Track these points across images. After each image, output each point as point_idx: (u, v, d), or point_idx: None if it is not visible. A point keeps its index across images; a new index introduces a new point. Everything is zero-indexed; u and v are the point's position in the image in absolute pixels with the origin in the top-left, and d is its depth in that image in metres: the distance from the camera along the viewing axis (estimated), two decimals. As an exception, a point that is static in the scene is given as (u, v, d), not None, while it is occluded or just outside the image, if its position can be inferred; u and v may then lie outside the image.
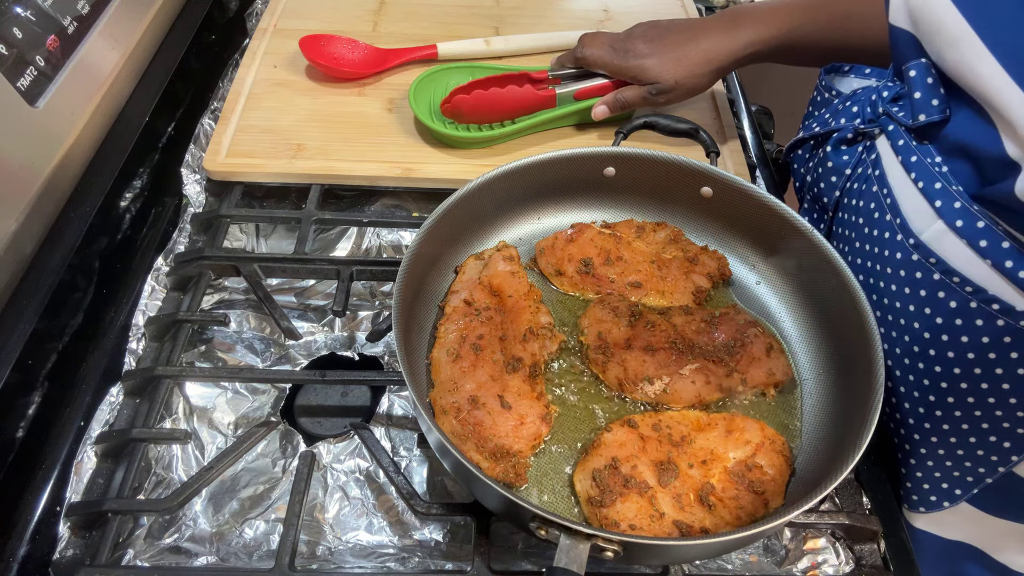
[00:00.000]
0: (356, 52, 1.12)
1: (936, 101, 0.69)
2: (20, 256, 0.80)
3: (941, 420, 0.72)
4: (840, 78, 0.95)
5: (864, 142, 0.81)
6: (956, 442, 0.73)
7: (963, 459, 0.73)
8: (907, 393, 0.75)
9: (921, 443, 0.76)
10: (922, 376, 0.72)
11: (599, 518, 0.64)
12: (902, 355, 0.74)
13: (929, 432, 0.74)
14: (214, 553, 0.71)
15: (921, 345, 0.71)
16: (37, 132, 0.83)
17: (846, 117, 0.83)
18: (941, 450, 0.74)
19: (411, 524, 0.74)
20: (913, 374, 0.73)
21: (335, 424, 0.83)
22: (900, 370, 0.75)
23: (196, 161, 1.02)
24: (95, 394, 0.78)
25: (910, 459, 0.78)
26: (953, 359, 0.69)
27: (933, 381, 0.71)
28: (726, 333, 0.77)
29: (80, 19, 0.91)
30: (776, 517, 0.59)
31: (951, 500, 0.77)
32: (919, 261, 0.69)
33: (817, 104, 0.98)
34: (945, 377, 0.70)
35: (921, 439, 0.75)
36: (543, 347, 0.75)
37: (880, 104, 0.77)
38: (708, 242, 0.87)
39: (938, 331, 0.69)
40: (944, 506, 0.78)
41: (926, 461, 0.76)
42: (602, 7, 1.30)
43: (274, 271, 0.91)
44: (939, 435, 0.73)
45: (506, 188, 0.82)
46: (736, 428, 0.70)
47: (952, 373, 0.69)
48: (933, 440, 0.74)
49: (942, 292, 0.68)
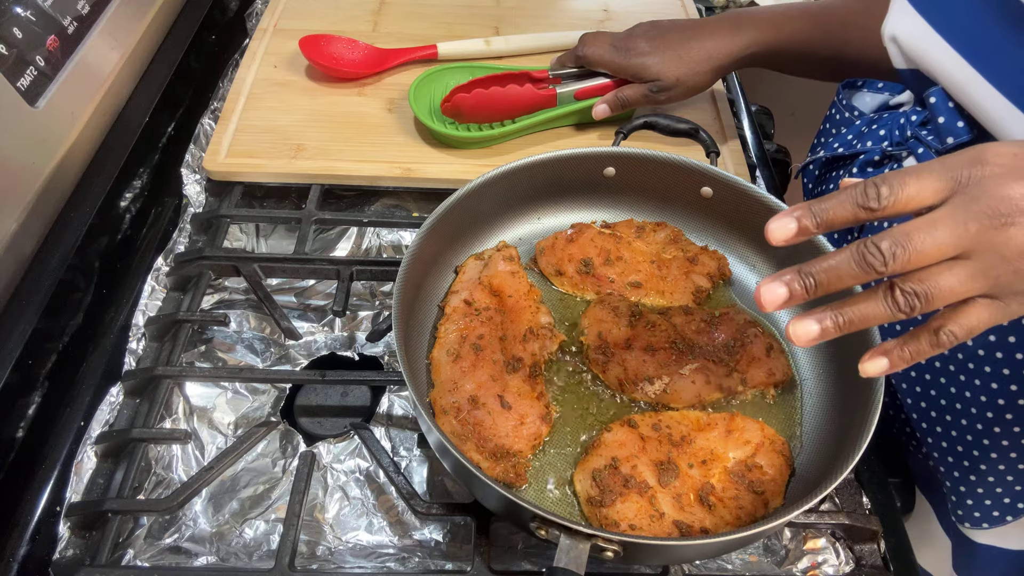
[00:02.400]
0: (356, 52, 1.12)
1: (961, 123, 0.70)
2: (20, 256, 0.80)
3: (1000, 437, 0.72)
4: (855, 93, 0.96)
5: (891, 164, 0.81)
6: (1016, 457, 0.73)
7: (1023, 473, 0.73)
8: (963, 410, 0.74)
9: (980, 461, 0.75)
10: (979, 393, 0.72)
11: (599, 518, 0.64)
12: (956, 373, 0.74)
13: (987, 450, 0.74)
14: (214, 553, 0.71)
15: (976, 363, 0.71)
16: (37, 132, 0.83)
17: (872, 140, 0.83)
18: (1001, 466, 0.74)
19: (411, 524, 0.74)
20: (970, 391, 0.73)
21: (335, 424, 0.83)
22: (955, 387, 0.74)
23: (196, 161, 1.02)
24: (95, 394, 0.78)
25: (969, 476, 0.78)
26: (1009, 376, 0.69)
27: (990, 397, 0.71)
28: (726, 333, 0.77)
29: (80, 19, 0.91)
30: (776, 517, 0.59)
31: (1015, 514, 0.77)
32: None
33: (836, 122, 0.98)
34: (1002, 394, 0.70)
35: (980, 457, 0.75)
36: (543, 347, 0.75)
37: (909, 128, 0.78)
38: (708, 242, 0.87)
39: (992, 348, 0.69)
40: (1007, 520, 0.77)
41: (987, 477, 0.76)
42: (602, 7, 1.30)
43: (274, 271, 0.91)
44: (999, 451, 0.73)
45: (506, 188, 0.82)
46: (736, 428, 0.70)
47: (1009, 390, 0.69)
48: (992, 457, 0.74)
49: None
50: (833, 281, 0.49)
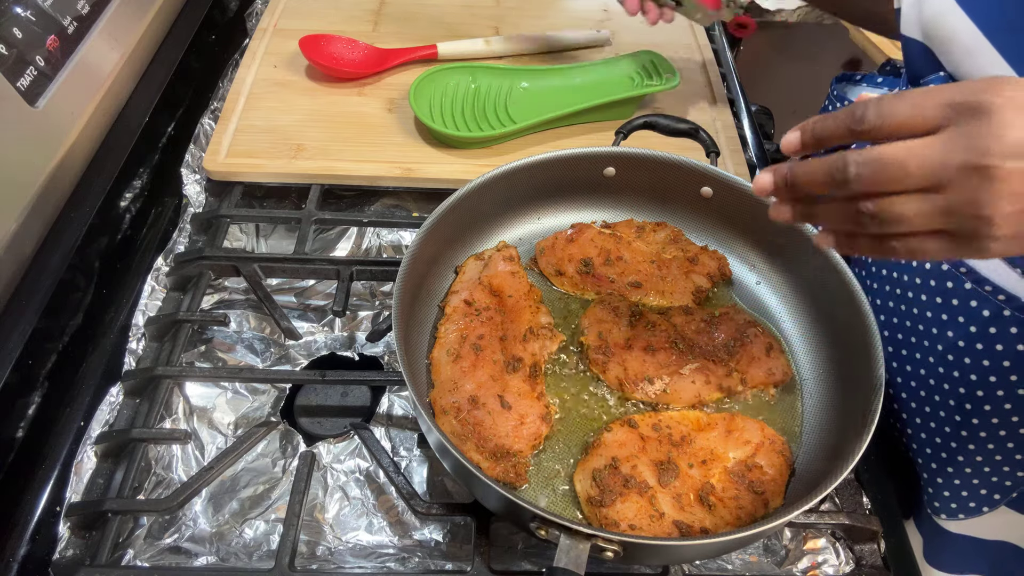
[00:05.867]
0: (356, 52, 1.12)
1: None
2: (20, 256, 0.80)
3: (978, 428, 0.72)
4: (852, 87, 0.95)
5: None
6: (994, 448, 0.73)
7: (1001, 464, 0.73)
8: (941, 403, 0.75)
9: (958, 452, 0.76)
10: (957, 385, 0.72)
11: (599, 518, 0.64)
12: (935, 364, 0.74)
13: (965, 441, 0.74)
14: (214, 553, 0.71)
15: (956, 354, 0.71)
16: (37, 132, 0.83)
17: None
18: (979, 457, 0.74)
19: (411, 524, 0.74)
20: (948, 383, 0.73)
21: (335, 424, 0.83)
22: (934, 379, 0.75)
23: (196, 161, 1.02)
24: (95, 394, 0.78)
25: (947, 468, 0.78)
26: (988, 367, 0.69)
27: (969, 390, 0.71)
28: (726, 333, 0.77)
29: (80, 19, 0.91)
30: (776, 517, 0.59)
31: (991, 505, 0.77)
32: (950, 271, 0.70)
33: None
34: (981, 386, 0.70)
35: (958, 448, 0.75)
36: (543, 347, 0.75)
37: None
38: (708, 242, 0.87)
39: (972, 340, 0.70)
40: (983, 511, 0.78)
41: (963, 469, 0.76)
42: (602, 7, 1.30)
43: (274, 271, 0.91)
44: (976, 443, 0.74)
45: (506, 188, 0.82)
46: (736, 428, 0.70)
47: (988, 381, 0.69)
48: (970, 448, 0.74)
49: (975, 301, 0.68)
50: (805, 179, 0.50)
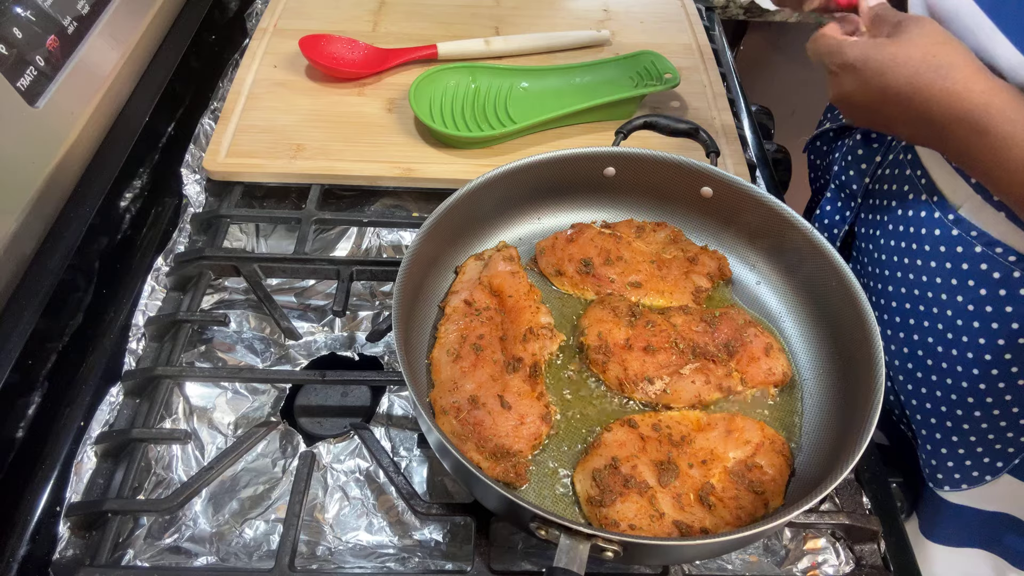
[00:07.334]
0: (356, 52, 1.12)
1: None
2: (20, 256, 0.80)
3: (984, 393, 0.73)
4: None
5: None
6: (999, 414, 0.73)
7: (1005, 430, 0.74)
8: (949, 369, 0.75)
9: (963, 420, 0.76)
10: (965, 350, 0.73)
11: (599, 518, 0.64)
12: (944, 331, 0.75)
13: (971, 407, 0.75)
14: (214, 553, 0.71)
15: (965, 318, 0.72)
16: (37, 132, 0.83)
17: None
18: (984, 424, 0.75)
19: (411, 524, 0.74)
20: (957, 348, 0.74)
21: (335, 424, 0.83)
22: (942, 346, 0.75)
23: (196, 161, 1.02)
24: (95, 394, 0.78)
25: (951, 437, 0.78)
26: (997, 330, 0.70)
27: (977, 354, 0.72)
28: (726, 333, 0.77)
29: (80, 19, 0.91)
30: (776, 517, 0.59)
31: (993, 473, 0.78)
32: (959, 236, 0.71)
33: None
34: (989, 349, 0.71)
35: (963, 415, 0.76)
36: (543, 347, 0.75)
37: None
38: (708, 242, 0.87)
39: (982, 303, 0.71)
40: (986, 480, 0.78)
41: (968, 437, 0.77)
42: (602, 7, 1.30)
43: (274, 271, 0.91)
44: (982, 408, 0.74)
45: (506, 188, 0.82)
46: (736, 428, 0.70)
47: (996, 345, 0.70)
48: (976, 415, 0.75)
49: (984, 264, 0.69)
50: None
